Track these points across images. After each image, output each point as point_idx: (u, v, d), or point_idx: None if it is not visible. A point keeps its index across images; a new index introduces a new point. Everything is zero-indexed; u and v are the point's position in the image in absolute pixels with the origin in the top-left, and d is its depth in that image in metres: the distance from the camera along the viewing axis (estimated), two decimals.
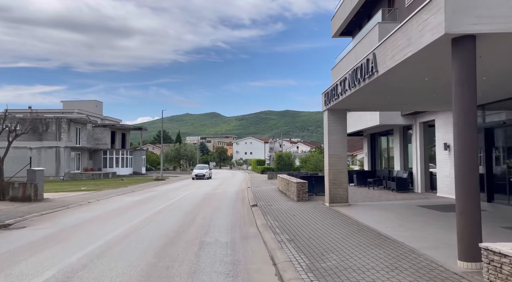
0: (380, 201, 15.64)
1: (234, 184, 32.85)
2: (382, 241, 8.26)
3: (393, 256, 7.03)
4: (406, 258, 6.88)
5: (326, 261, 6.80)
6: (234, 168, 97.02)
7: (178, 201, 18.67)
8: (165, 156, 70.89)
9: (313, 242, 8.33)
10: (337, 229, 9.95)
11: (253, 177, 43.44)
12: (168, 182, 35.89)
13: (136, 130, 53.82)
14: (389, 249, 7.53)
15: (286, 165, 45.54)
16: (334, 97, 13.35)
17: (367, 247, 7.72)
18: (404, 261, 6.68)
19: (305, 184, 16.76)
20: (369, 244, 8.04)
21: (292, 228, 10.22)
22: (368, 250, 7.47)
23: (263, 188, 25.29)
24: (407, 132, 19.96)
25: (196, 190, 25.42)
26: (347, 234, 9.26)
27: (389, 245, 7.91)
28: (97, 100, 62.05)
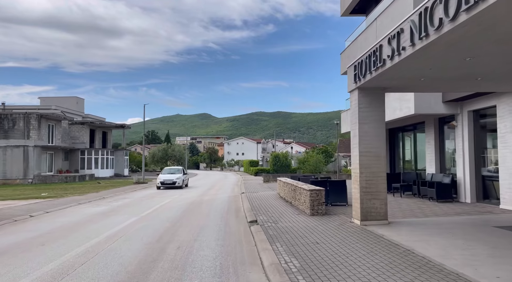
0: (428, 217, 11.31)
1: (226, 188, 28.38)
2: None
3: None
4: None
5: None
6: (225, 169, 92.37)
7: (151, 214, 14.16)
8: (152, 156, 66.13)
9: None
10: (403, 277, 5.56)
11: (246, 179, 39.00)
12: (150, 185, 31.26)
13: (118, 128, 49.03)
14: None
15: (282, 167, 41.14)
16: (373, 67, 9.00)
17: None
18: None
19: (321, 192, 12.39)
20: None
21: (324, 274, 5.82)
22: None
23: (260, 194, 20.87)
24: (444, 125, 15.68)
25: (179, 197, 20.91)
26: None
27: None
28: (78, 97, 57.03)
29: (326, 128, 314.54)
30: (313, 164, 38.48)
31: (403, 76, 9.13)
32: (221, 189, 26.98)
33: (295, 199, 14.90)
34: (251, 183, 32.66)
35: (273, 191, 23.08)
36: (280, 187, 19.90)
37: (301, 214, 12.56)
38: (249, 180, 38.34)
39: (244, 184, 31.40)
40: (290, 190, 15.93)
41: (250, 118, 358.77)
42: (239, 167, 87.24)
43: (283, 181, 18.41)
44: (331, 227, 9.98)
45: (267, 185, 29.46)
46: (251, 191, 23.19)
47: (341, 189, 14.49)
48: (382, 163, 10.33)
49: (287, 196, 16.82)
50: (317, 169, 38.81)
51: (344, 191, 14.48)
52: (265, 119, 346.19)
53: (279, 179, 20.25)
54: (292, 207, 14.52)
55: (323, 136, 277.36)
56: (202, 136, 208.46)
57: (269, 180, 32.56)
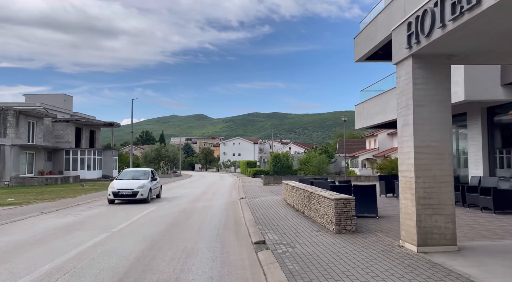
0: (505, 239, 8.16)
1: (222, 192, 25.15)
2: None
3: None
4: None
5: None
6: (221, 170, 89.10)
7: (127, 228, 10.92)
8: (144, 157, 62.76)
9: None
10: None
11: (244, 181, 35.80)
12: None
13: (106, 126, 45.61)
14: None
15: (283, 168, 37.96)
16: (450, 16, 5.83)
17: None
18: None
19: (350, 202, 9.21)
20: None
21: None
22: None
23: (263, 200, 17.67)
24: (494, 116, 12.56)
25: (168, 204, 17.66)
26: None
27: None
28: (65, 94, 53.52)
29: (322, 129, 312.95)
30: (316, 165, 35.38)
31: (497, 32, 5.97)
32: (217, 194, 23.77)
33: (309, 209, 11.73)
34: (250, 185, 29.46)
35: (277, 195, 19.90)
36: (286, 192, 16.72)
37: (323, 231, 9.39)
38: (247, 182, 35.11)
39: (243, 187, 28.19)
40: (303, 197, 12.75)
41: (246, 119, 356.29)
42: (235, 168, 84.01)
43: (292, 185, 15.23)
44: (374, 255, 6.81)
45: (268, 188, 26.26)
46: (252, 196, 19.98)
47: (370, 196, 11.34)
48: (447, 163, 7.17)
49: (298, 204, 13.65)
50: (320, 171, 35.70)
51: (373, 199, 11.33)
52: (261, 120, 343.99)
53: (286, 183, 17.06)
54: (306, 220, 11.32)
55: (319, 137, 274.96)
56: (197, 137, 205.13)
57: (269, 182, 29.38)
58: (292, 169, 38.52)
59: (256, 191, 23.72)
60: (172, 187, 30.11)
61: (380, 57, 19.13)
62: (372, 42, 17.63)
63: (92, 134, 46.29)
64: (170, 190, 27.19)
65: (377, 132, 55.61)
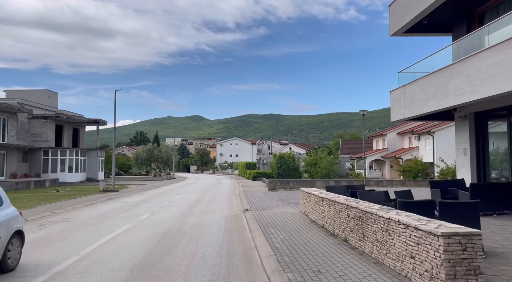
0: None
1: (220, 200, 20.60)
2: None
3: None
4: None
5: None
6: (217, 172, 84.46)
7: (74, 268, 6.34)
8: (135, 158, 58.08)
9: None
10: None
11: (245, 185, 31.27)
12: (119, 195, 23.35)
13: (91, 124, 40.84)
14: None
15: (290, 170, 33.37)
16: None
17: None
18: None
19: (474, 242, 4.70)
20: None
21: None
22: None
23: (275, 214, 13.12)
24: None
25: (148, 219, 13.09)
26: None
27: None
28: (50, 90, 48.71)
29: (319, 130, 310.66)
30: (326, 167, 30.95)
31: None
32: (214, 202, 19.23)
33: (362, 238, 7.25)
34: (253, 191, 24.95)
35: (291, 206, 15.40)
36: (308, 204, 12.23)
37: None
38: (248, 186, 30.57)
39: (244, 192, 23.66)
40: (346, 216, 8.26)
41: (242, 120, 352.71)
42: (232, 170, 79.41)
43: (320, 196, 10.71)
44: None
45: (275, 195, 21.76)
46: (259, 207, 15.46)
47: (468, 219, 6.81)
48: None
49: (334, 225, 9.16)
50: (330, 173, 31.28)
51: (476, 223, 6.81)
52: (257, 122, 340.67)
53: (308, 191, 12.53)
54: (361, 257, 6.81)
55: (315, 138, 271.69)
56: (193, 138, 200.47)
57: (275, 187, 24.86)
58: (299, 171, 34.03)
59: (262, 199, 19.21)
60: (161, 193, 25.52)
61: (425, 28, 14.72)
62: (419, 7, 13.26)
63: (75, 133, 41.56)
64: (158, 197, 22.60)
65: (388, 131, 51.31)
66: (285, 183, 24.86)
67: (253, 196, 21.02)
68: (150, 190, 28.11)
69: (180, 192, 26.24)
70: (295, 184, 25.01)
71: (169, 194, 24.10)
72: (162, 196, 22.75)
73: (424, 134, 42.53)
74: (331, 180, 27.38)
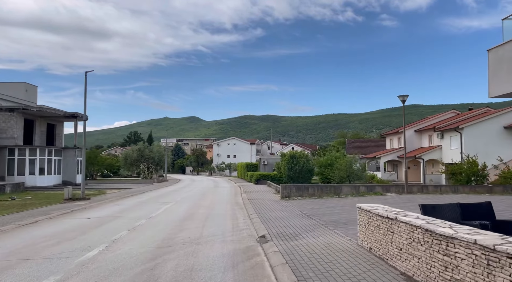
0: None
1: (221, 215, 14.71)
2: None
3: None
4: None
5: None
6: (214, 173, 78.55)
7: None
8: (124, 159, 52.05)
9: None
10: None
11: (248, 191, 25.42)
12: (87, 207, 17.40)
13: (68, 118, 34.76)
14: None
15: (303, 172, 27.39)
16: None
17: None
18: None
19: None
20: None
21: None
22: None
23: (315, 249, 7.23)
24: None
25: (93, 265, 7.16)
26: None
27: None
28: (27, 83, 42.60)
29: (315, 131, 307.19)
30: (345, 169, 25.23)
31: None
32: (211, 218, 13.37)
33: None
34: (260, 199, 19.14)
35: (334, 230, 9.59)
36: (389, 238, 6.38)
37: None
38: (252, 192, 24.73)
39: (250, 202, 17.82)
40: None
41: (239, 121, 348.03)
42: (230, 172, 73.54)
43: (440, 234, 4.84)
44: None
45: (294, 206, 15.91)
46: (282, 232, 9.62)
47: None
48: None
49: None
50: (352, 175, 25.54)
51: None
52: (254, 123, 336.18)
53: (380, 214, 6.62)
54: None
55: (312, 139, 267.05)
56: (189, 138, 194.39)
57: (289, 194, 18.97)
58: (314, 174, 28.10)
59: (278, 214, 13.39)
60: (142, 202, 19.62)
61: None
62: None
63: (50, 130, 35.52)
64: (136, 209, 16.71)
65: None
66: (303, 189, 19.08)
67: (264, 208, 15.20)
68: (130, 198, 22.21)
69: (167, 200, 20.35)
70: (315, 190, 19.26)
71: (152, 205, 18.19)
72: (142, 208, 16.86)
73: (449, 131, 36.93)
74: (357, 184, 21.59)
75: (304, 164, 26.89)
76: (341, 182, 26.34)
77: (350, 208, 14.78)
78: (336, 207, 15.18)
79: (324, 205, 15.94)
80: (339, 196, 18.96)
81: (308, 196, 18.85)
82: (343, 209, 14.33)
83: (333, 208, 14.73)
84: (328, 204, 16.25)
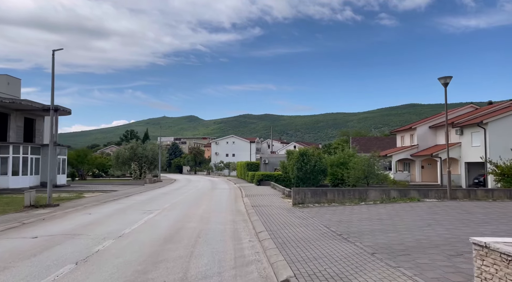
0: None
1: (217, 234, 10.81)
2: None
3: None
4: None
5: None
6: (212, 173, 74.68)
7: None
8: (116, 158, 48.09)
9: None
10: None
11: (251, 194, 21.57)
12: (46, 218, 13.50)
13: (46, 111, 30.74)
14: None
15: (314, 173, 23.25)
16: None
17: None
18: None
19: None
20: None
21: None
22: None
23: None
24: None
25: None
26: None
27: None
28: (10, 76, 38.56)
29: (314, 131, 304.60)
30: (364, 168, 21.42)
31: None
32: (204, 240, 9.51)
33: None
34: (268, 206, 15.31)
35: (393, 265, 5.69)
36: None
37: None
38: (256, 196, 20.88)
39: (254, 208, 13.95)
40: None
41: (238, 120, 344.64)
42: (229, 171, 69.66)
43: None
44: None
45: (313, 217, 12.07)
46: (323, 276, 5.77)
47: None
48: None
49: None
50: (369, 177, 21.74)
51: None
52: (253, 122, 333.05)
53: None
54: None
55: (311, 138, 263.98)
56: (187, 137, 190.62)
57: (304, 200, 15.08)
58: (327, 174, 24.07)
59: (300, 233, 9.54)
60: (120, 211, 15.74)
61: None
62: None
63: (29, 125, 31.56)
64: (108, 221, 12.83)
65: (418, 123, 41.84)
66: (320, 194, 15.18)
67: (275, 221, 11.35)
68: (110, 203, 18.33)
69: (153, 207, 16.48)
70: (335, 195, 15.35)
71: (131, 214, 14.31)
72: (117, 219, 13.00)
73: (471, 127, 33.14)
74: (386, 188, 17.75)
75: (317, 163, 22.95)
76: (357, 184, 22.56)
77: (391, 220, 10.97)
78: (371, 219, 11.37)
79: (353, 216, 12.12)
80: (365, 202, 15.15)
81: (327, 202, 15.00)
82: (383, 224, 10.51)
83: (367, 221, 10.92)
84: (357, 214, 12.44)
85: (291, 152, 25.56)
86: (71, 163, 48.58)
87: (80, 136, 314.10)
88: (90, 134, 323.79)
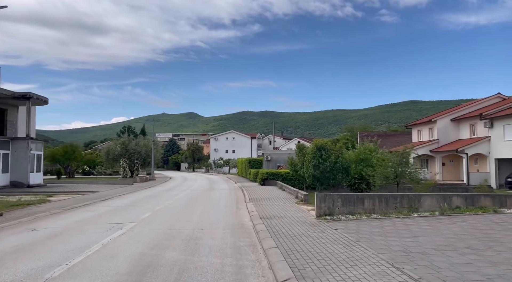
0: None
1: (206, 275, 6.52)
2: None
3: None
4: None
5: None
6: (211, 170, 70.39)
7: None
8: (106, 154, 43.74)
9: None
10: None
11: (257, 199, 17.26)
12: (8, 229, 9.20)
13: (18, 100, 26.18)
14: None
15: (334, 171, 18.58)
16: None
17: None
18: None
19: None
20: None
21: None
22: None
23: None
24: None
25: None
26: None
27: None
28: None
29: (314, 127, 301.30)
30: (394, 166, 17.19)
31: None
32: None
33: None
34: (282, 217, 11.05)
35: None
36: None
37: None
38: (262, 200, 16.57)
39: (264, 221, 9.69)
40: None
41: (238, 117, 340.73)
42: (229, 168, 65.40)
43: None
44: None
45: (360, 240, 7.77)
46: None
47: None
48: None
49: None
50: (399, 177, 17.50)
51: None
52: (253, 119, 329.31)
53: None
54: None
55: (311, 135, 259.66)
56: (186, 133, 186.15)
57: (333, 211, 10.77)
58: (351, 174, 19.47)
59: None
60: (79, 225, 11.40)
61: None
62: None
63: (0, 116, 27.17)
64: (48, 243, 8.47)
65: (438, 116, 37.48)
66: (354, 202, 10.76)
67: (304, 252, 7.03)
68: (75, 211, 14.01)
69: (126, 220, 12.14)
70: (374, 203, 10.98)
71: (89, 233, 9.99)
72: (63, 241, 8.68)
73: (503, 118, 28.81)
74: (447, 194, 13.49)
75: (338, 160, 18.46)
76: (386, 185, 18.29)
77: (492, 251, 6.67)
78: (456, 248, 7.06)
79: (419, 239, 7.82)
80: (418, 213, 10.83)
81: (365, 213, 10.71)
82: (488, 260, 6.21)
83: (454, 253, 6.63)
84: (423, 236, 8.15)
85: (303, 147, 21.21)
86: (58, 159, 44.22)
87: (80, 132, 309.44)
88: (89, 131, 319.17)
